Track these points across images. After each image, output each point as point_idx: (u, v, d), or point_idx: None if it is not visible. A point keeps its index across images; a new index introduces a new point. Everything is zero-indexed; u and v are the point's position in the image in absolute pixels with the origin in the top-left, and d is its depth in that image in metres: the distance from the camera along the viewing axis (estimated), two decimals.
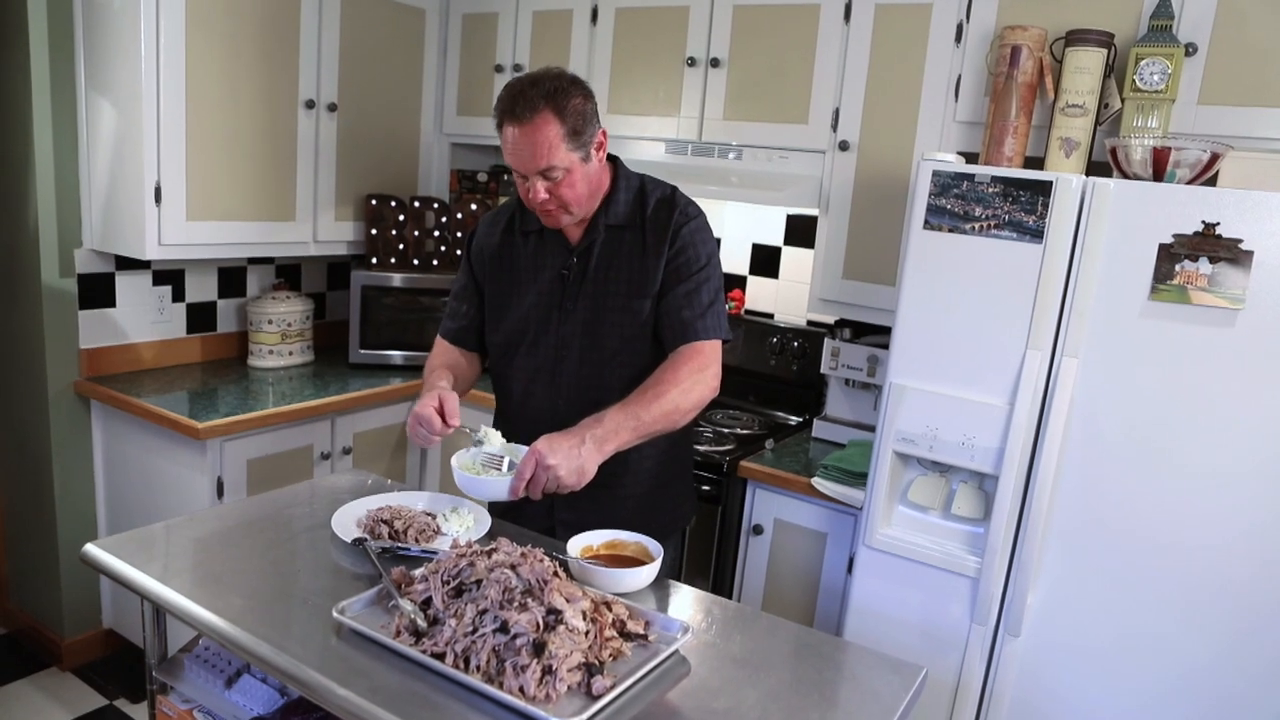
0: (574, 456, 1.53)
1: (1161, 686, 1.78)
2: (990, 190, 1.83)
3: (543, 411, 1.80)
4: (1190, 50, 1.99)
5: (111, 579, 1.46)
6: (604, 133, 1.70)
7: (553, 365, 1.80)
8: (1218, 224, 1.64)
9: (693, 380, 1.68)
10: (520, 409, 1.86)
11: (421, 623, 1.26)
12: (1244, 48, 1.95)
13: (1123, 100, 2.03)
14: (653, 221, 1.75)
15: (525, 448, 1.57)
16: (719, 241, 3.08)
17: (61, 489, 2.70)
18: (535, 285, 1.81)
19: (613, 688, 1.17)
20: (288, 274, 3.21)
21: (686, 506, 1.98)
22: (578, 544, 1.54)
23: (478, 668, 1.18)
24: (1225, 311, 1.65)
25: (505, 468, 1.63)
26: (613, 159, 1.80)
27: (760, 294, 3.05)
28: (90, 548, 1.48)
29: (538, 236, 1.82)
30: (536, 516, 1.82)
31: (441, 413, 1.66)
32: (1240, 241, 1.63)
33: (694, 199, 1.83)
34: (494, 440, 1.68)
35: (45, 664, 2.81)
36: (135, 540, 1.54)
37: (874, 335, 2.62)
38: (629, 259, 1.75)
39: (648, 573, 1.48)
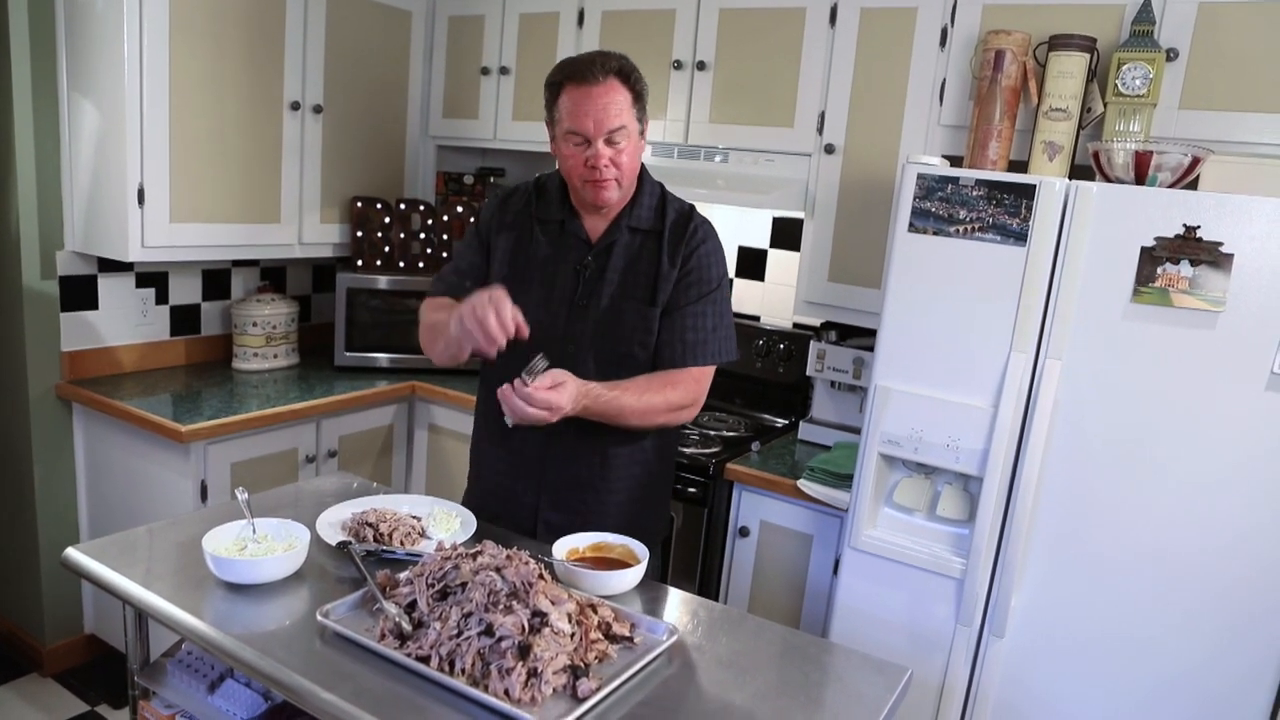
0: (565, 410, 1.59)
1: (1145, 687, 1.79)
2: (974, 193, 1.84)
3: None
4: (1171, 55, 2.01)
5: (93, 583, 1.44)
6: (647, 122, 1.73)
7: (558, 362, 1.73)
8: (1198, 227, 1.66)
9: (681, 403, 1.76)
10: None
11: (406, 626, 1.25)
12: (1224, 53, 1.97)
13: (1105, 104, 2.05)
14: (671, 233, 1.76)
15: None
16: None
17: (42, 493, 2.68)
18: (547, 278, 1.78)
19: (598, 690, 1.17)
20: (273, 276, 3.19)
21: (665, 518, 1.98)
22: (563, 546, 1.54)
23: (463, 671, 1.17)
24: (1206, 314, 1.67)
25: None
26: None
27: (746, 296, 3.05)
28: (71, 552, 1.47)
29: (557, 228, 1.80)
30: (521, 518, 1.81)
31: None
32: (1221, 245, 1.64)
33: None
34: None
35: (25, 670, 2.78)
36: (117, 544, 1.53)
37: (859, 338, 2.62)
38: (649, 266, 1.75)
39: (634, 575, 1.48)
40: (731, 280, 3.07)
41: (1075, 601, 1.83)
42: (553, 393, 1.55)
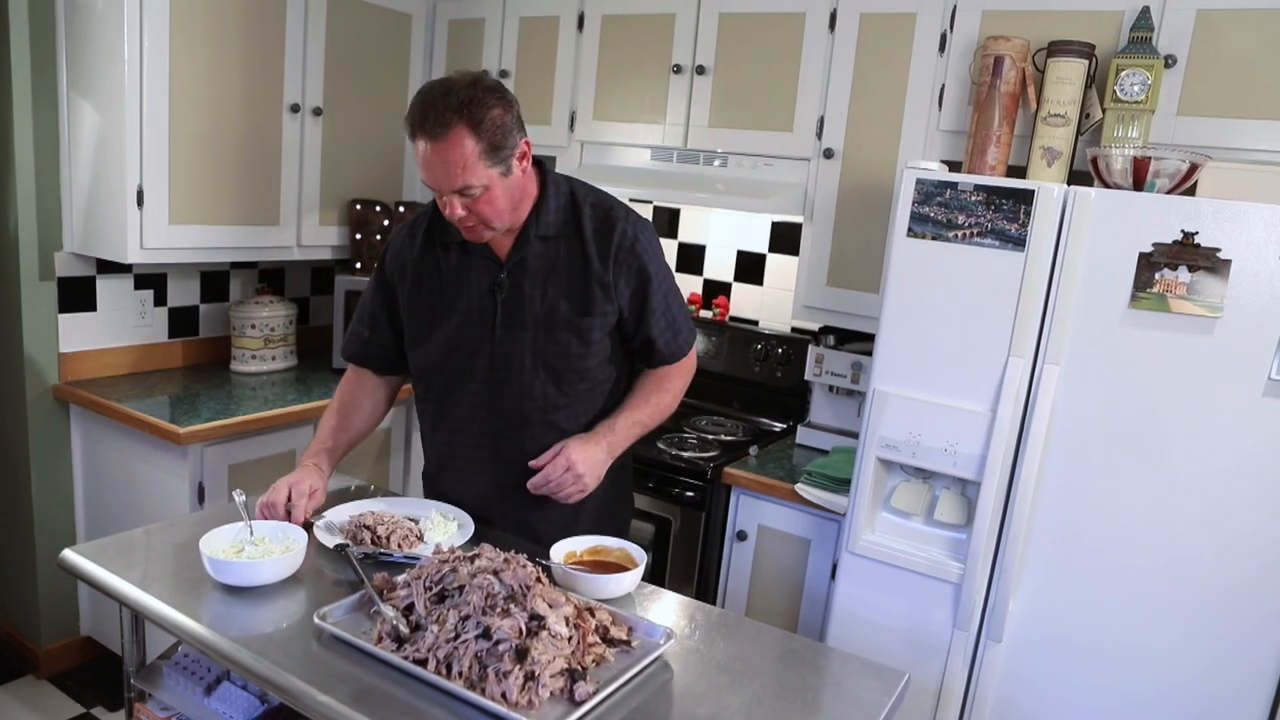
0: (598, 464, 1.64)
1: (1143, 692, 1.79)
2: (973, 198, 1.84)
3: (479, 438, 1.73)
4: (1170, 62, 2.01)
5: (90, 585, 1.44)
6: (527, 142, 1.58)
7: (491, 390, 1.69)
8: (1196, 233, 1.66)
9: (683, 384, 1.81)
10: (449, 438, 1.77)
11: (404, 629, 1.25)
12: (1222, 60, 1.98)
13: (1104, 110, 2.05)
14: (596, 236, 1.65)
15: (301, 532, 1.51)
16: (702, 248, 3.10)
17: (39, 494, 2.68)
18: (461, 303, 1.69)
19: (595, 694, 1.16)
20: (271, 278, 3.19)
21: (629, 510, 1.97)
22: (561, 549, 1.53)
23: (460, 674, 1.17)
24: (1204, 319, 1.67)
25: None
26: (538, 163, 1.68)
27: (745, 301, 3.05)
28: (68, 553, 1.47)
29: (460, 249, 1.69)
30: (507, 524, 1.77)
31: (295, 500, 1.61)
32: (1218, 250, 1.65)
33: (677, 205, 1.82)
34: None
35: (21, 672, 2.78)
36: (114, 546, 1.53)
37: (858, 342, 2.63)
38: (569, 274, 1.65)
39: (631, 578, 1.48)
40: (730, 284, 3.07)
41: (1073, 606, 1.83)
42: (560, 458, 1.62)
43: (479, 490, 1.77)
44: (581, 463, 1.61)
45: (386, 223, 3.05)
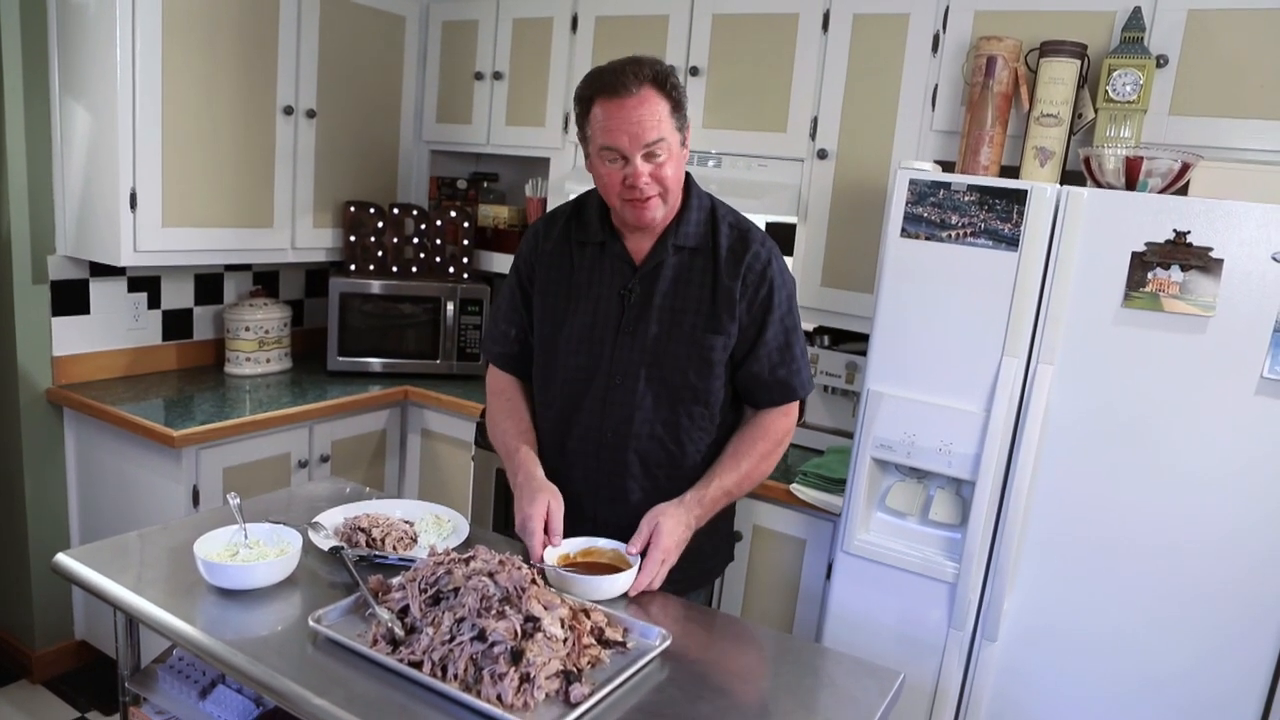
0: (683, 544, 1.57)
1: (1138, 690, 1.79)
2: (966, 199, 1.85)
3: (585, 438, 1.68)
4: (1161, 62, 2.02)
5: (83, 589, 1.44)
6: (688, 124, 1.61)
7: (604, 393, 1.66)
8: (1189, 232, 1.67)
9: (784, 445, 1.72)
10: (557, 430, 1.72)
11: (399, 631, 1.25)
12: (1213, 60, 1.99)
13: (1096, 110, 2.06)
14: (730, 253, 1.63)
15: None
16: None
17: (33, 498, 2.67)
18: (589, 303, 1.67)
19: (591, 695, 1.17)
20: (265, 281, 3.18)
21: (725, 553, 1.90)
22: (555, 552, 1.53)
23: (455, 676, 1.17)
24: (1196, 319, 1.68)
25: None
26: (685, 174, 1.67)
27: None
28: (62, 557, 1.46)
29: (597, 249, 1.68)
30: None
31: (547, 525, 1.55)
32: (1210, 250, 1.65)
33: None
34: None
35: (15, 676, 2.77)
36: (108, 550, 1.53)
37: (852, 342, 2.63)
38: (700, 288, 1.63)
39: (625, 580, 1.48)
40: None
41: (1068, 605, 1.84)
42: (656, 551, 1.51)
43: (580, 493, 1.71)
44: (674, 551, 1.55)
45: (381, 224, 3.05)
